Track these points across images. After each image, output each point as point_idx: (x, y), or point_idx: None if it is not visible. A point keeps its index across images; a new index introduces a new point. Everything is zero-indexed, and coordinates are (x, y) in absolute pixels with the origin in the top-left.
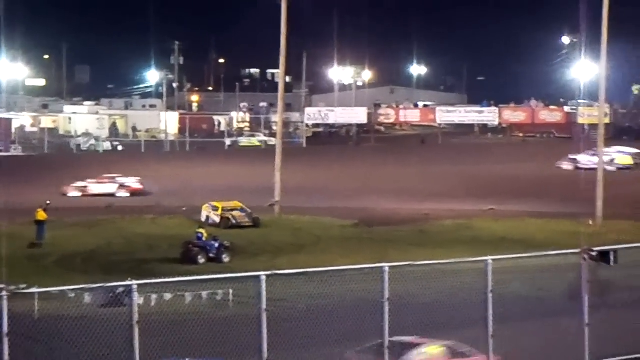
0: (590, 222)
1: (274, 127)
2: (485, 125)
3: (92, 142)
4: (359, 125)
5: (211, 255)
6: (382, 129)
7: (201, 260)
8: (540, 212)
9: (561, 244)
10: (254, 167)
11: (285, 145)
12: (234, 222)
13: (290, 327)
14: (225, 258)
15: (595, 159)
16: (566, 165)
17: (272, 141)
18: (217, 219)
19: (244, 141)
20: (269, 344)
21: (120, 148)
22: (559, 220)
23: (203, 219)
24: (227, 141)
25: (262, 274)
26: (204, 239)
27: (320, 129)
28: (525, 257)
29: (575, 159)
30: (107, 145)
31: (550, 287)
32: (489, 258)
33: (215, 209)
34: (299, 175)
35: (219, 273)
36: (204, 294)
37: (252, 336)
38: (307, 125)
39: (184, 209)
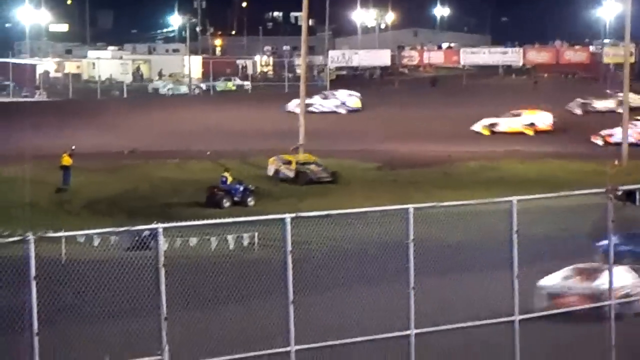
0: (616, 162)
1: (298, 70)
2: (509, 67)
3: (171, 85)
4: (383, 68)
5: (236, 199)
6: (406, 71)
7: (226, 204)
8: (567, 153)
9: (587, 183)
10: (264, 111)
11: (310, 88)
12: (312, 177)
13: (315, 270)
14: (250, 202)
15: (327, 103)
16: (297, 110)
17: (247, 85)
18: (291, 174)
19: (220, 85)
20: (294, 285)
21: (197, 92)
22: (584, 160)
23: (270, 173)
24: (203, 85)
25: (287, 216)
26: (228, 182)
27: (344, 72)
28: (550, 197)
29: (307, 104)
30: (184, 89)
31: (576, 227)
32: (514, 198)
33: (288, 162)
34: (322, 119)
35: (244, 217)
36: (230, 237)
37: (278, 278)
38: (330, 68)
39: (208, 153)
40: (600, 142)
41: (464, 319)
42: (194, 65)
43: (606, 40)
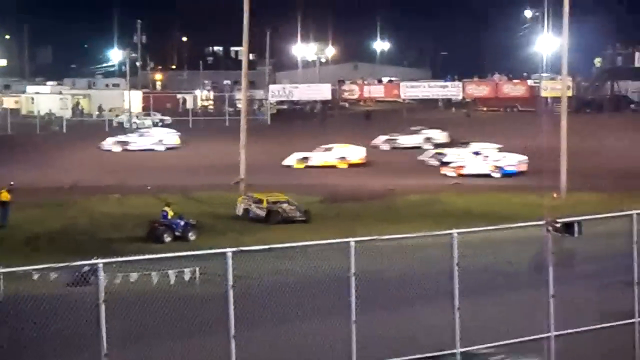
0: (555, 195)
1: (238, 105)
2: (449, 100)
3: (135, 120)
4: (323, 102)
5: (177, 233)
6: (347, 105)
7: (167, 238)
8: (505, 186)
9: (526, 216)
10: (208, 146)
11: (250, 122)
12: (284, 216)
13: (257, 304)
14: (192, 236)
15: (144, 140)
16: (115, 148)
17: (168, 120)
18: (262, 213)
19: (137, 122)
20: (236, 320)
21: (160, 125)
22: (523, 193)
23: (239, 212)
24: (124, 120)
25: (228, 250)
26: (169, 217)
27: (285, 106)
28: (490, 230)
29: (124, 141)
30: (148, 123)
31: (516, 259)
32: (455, 231)
33: (259, 201)
34: (263, 153)
35: (185, 251)
36: (171, 272)
37: (220, 313)
38: (271, 103)
39: (149, 187)
40: (452, 174)
41: (408, 352)
42: (134, 100)
43: (544, 74)
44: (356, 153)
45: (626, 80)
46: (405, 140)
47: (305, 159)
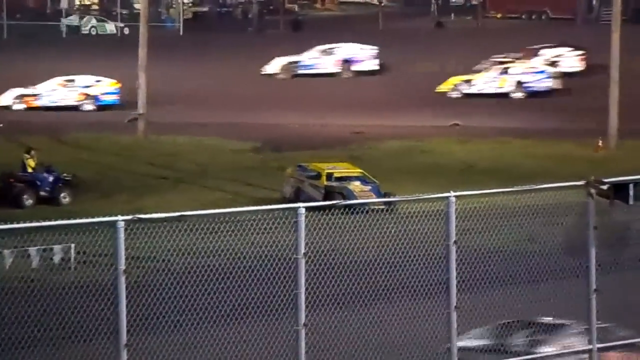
0: (600, 143)
1: (136, 6)
2: (447, 2)
3: (94, 23)
4: (262, 3)
5: (43, 193)
6: (296, 8)
7: (28, 200)
8: (525, 129)
9: (556, 174)
10: (99, 65)
11: (154, 32)
12: (354, 199)
13: (162, 298)
14: (65, 198)
15: None
16: None
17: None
18: (318, 195)
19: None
20: (129, 322)
21: (127, 31)
22: (553, 139)
23: (287, 193)
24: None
25: (120, 219)
26: (29, 170)
27: (205, 8)
28: (504, 193)
29: None
30: (111, 28)
31: (541, 236)
32: (452, 194)
33: (314, 176)
34: (173, 77)
35: (55, 219)
36: (33, 250)
37: (105, 311)
38: (184, 3)
39: (1, 125)
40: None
41: None
42: None
43: None
44: None
45: None
46: None
47: None
